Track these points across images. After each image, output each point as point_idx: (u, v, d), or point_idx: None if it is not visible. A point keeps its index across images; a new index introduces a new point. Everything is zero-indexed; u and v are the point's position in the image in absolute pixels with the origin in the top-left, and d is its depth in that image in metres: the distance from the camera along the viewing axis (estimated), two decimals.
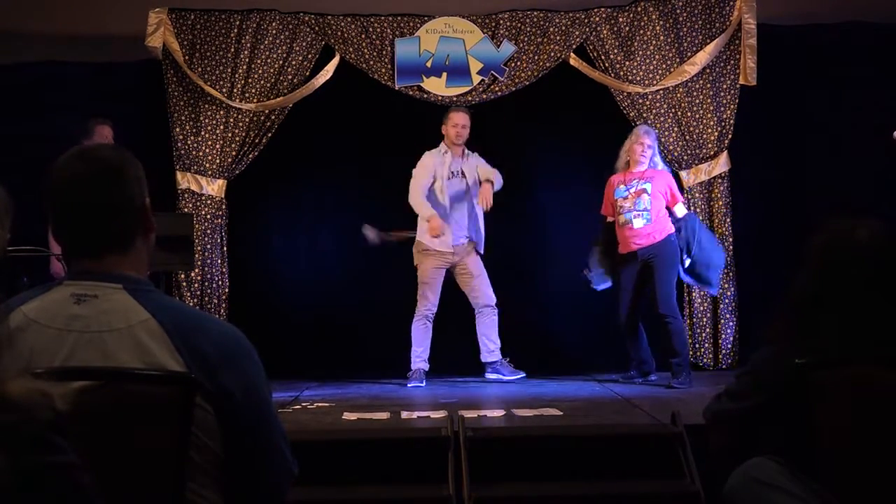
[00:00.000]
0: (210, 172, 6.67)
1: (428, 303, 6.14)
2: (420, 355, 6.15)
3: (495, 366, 6.21)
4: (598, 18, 6.71)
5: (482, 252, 6.25)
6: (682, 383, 5.57)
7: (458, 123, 6.15)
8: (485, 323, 6.19)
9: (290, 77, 6.70)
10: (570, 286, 6.53)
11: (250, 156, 6.72)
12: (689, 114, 6.66)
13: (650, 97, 6.66)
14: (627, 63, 6.67)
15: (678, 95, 6.67)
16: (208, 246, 6.58)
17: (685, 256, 5.80)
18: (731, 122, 6.64)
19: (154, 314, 1.74)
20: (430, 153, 6.19)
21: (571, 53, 6.73)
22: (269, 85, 6.67)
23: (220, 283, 6.56)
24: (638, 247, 5.75)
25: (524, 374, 6.18)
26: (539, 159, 6.71)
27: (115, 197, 1.81)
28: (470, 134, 6.37)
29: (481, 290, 6.17)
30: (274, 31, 6.68)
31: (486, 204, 5.95)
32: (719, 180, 6.65)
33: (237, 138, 6.68)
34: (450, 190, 6.15)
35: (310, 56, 6.73)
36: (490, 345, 6.20)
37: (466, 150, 6.25)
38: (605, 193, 5.97)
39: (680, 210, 5.86)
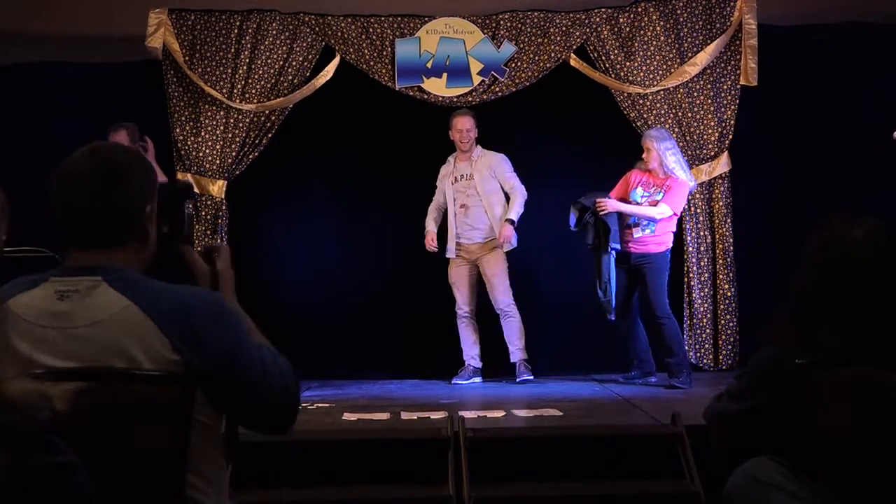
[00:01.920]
0: (210, 173, 6.66)
1: (459, 302, 6.30)
2: (467, 353, 6.30)
3: (517, 367, 6.22)
4: (598, 19, 6.70)
5: (510, 246, 6.24)
6: (683, 382, 5.58)
7: (460, 129, 6.24)
8: (504, 326, 6.27)
9: (290, 78, 6.70)
10: (569, 286, 6.53)
11: (251, 156, 6.72)
12: (689, 114, 6.66)
13: (651, 98, 6.66)
14: (628, 64, 6.67)
15: (679, 96, 6.67)
16: None
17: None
18: (732, 122, 6.64)
19: (134, 300, 1.75)
20: (443, 167, 6.41)
21: (572, 54, 6.72)
22: (269, 85, 6.67)
23: None
24: (633, 251, 5.79)
25: (532, 378, 6.14)
26: (539, 159, 6.70)
27: (109, 198, 1.82)
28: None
29: (493, 294, 6.26)
30: (274, 32, 6.67)
31: (505, 241, 6.17)
32: (720, 181, 6.64)
33: (237, 139, 6.67)
34: (456, 193, 6.29)
35: (310, 57, 6.73)
36: (510, 346, 6.26)
37: (480, 151, 6.31)
38: (620, 182, 5.94)
39: (660, 209, 5.69)
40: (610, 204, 5.75)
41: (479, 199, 6.23)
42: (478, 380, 6.25)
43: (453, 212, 6.28)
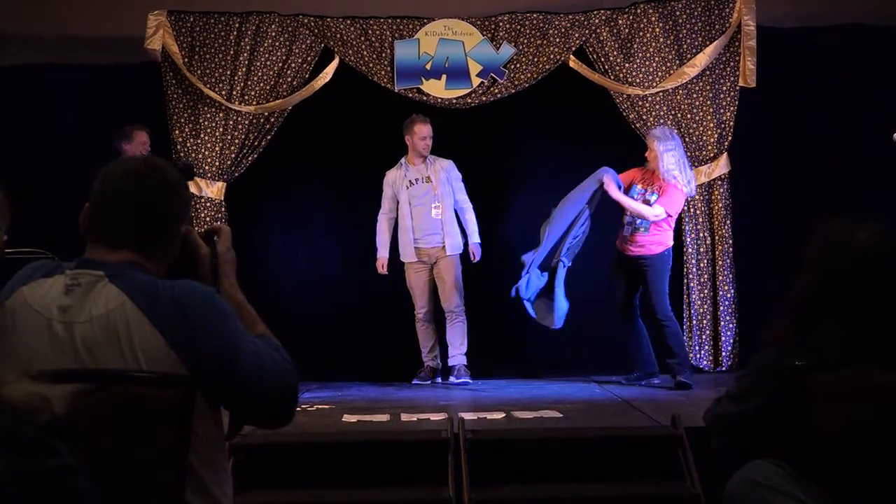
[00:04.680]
0: (209, 175, 6.66)
1: (416, 306, 6.39)
2: (426, 355, 6.38)
3: (454, 370, 6.28)
4: (597, 20, 6.70)
5: (455, 254, 6.33)
6: (688, 378, 5.62)
7: (424, 136, 6.32)
8: (450, 328, 6.34)
9: (289, 79, 6.69)
10: (570, 287, 6.52)
11: (250, 158, 6.72)
12: (688, 116, 6.65)
13: (650, 99, 6.66)
14: (627, 65, 6.67)
15: (678, 97, 6.67)
16: None
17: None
18: (731, 124, 6.64)
19: (130, 295, 1.77)
20: (390, 171, 6.44)
21: (571, 55, 6.72)
22: (268, 87, 6.67)
23: None
24: (631, 253, 5.81)
25: (470, 381, 6.18)
26: (538, 161, 6.71)
27: (154, 206, 1.87)
28: (470, 135, 6.42)
29: (445, 296, 6.32)
30: (273, 34, 6.67)
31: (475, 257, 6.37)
32: (719, 182, 6.64)
33: (237, 140, 6.67)
34: (412, 197, 6.34)
35: (309, 58, 6.73)
36: (451, 349, 6.33)
37: (431, 157, 6.39)
38: (625, 173, 5.92)
39: (655, 210, 5.69)
40: (611, 188, 5.74)
41: (437, 203, 6.29)
42: (437, 379, 6.34)
43: (409, 215, 6.31)
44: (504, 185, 6.81)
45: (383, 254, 6.37)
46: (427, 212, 6.31)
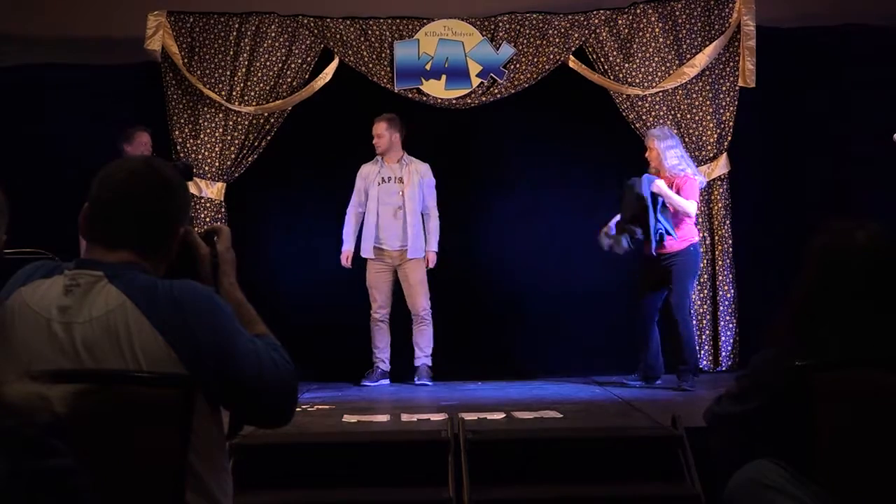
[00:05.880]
0: (209, 175, 6.66)
1: (375, 304, 6.36)
2: (377, 355, 6.36)
3: (417, 371, 6.29)
4: (597, 21, 6.70)
5: (417, 257, 6.28)
6: (691, 386, 5.58)
7: (373, 133, 6.31)
8: (417, 331, 6.33)
9: (289, 80, 6.70)
10: (571, 288, 6.52)
11: (249, 158, 6.72)
12: (688, 116, 6.65)
13: (649, 99, 6.66)
14: (626, 65, 6.67)
15: (677, 98, 6.67)
16: None
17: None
18: (731, 124, 6.64)
19: (130, 296, 1.76)
20: (365, 164, 6.41)
21: (571, 56, 6.73)
22: (268, 88, 6.67)
23: None
24: (658, 253, 5.73)
25: (431, 384, 6.19)
26: (538, 162, 6.70)
27: (152, 206, 1.87)
28: (469, 135, 6.40)
29: (411, 300, 6.31)
30: (273, 34, 6.67)
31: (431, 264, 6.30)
32: (719, 182, 6.64)
33: (236, 141, 6.67)
34: (380, 195, 6.31)
35: (309, 59, 6.73)
36: (418, 351, 6.33)
37: (407, 158, 6.35)
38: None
39: (690, 204, 5.67)
40: (657, 183, 5.67)
41: (405, 205, 6.25)
42: (385, 382, 6.31)
43: (376, 212, 6.29)
44: (504, 186, 6.80)
45: (348, 247, 6.35)
46: (393, 213, 6.28)
